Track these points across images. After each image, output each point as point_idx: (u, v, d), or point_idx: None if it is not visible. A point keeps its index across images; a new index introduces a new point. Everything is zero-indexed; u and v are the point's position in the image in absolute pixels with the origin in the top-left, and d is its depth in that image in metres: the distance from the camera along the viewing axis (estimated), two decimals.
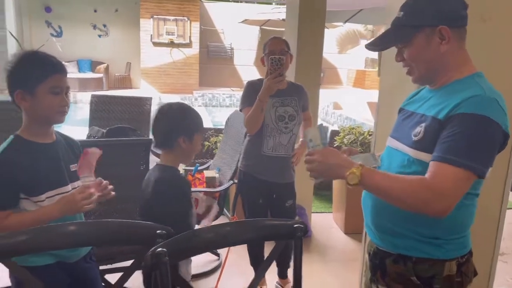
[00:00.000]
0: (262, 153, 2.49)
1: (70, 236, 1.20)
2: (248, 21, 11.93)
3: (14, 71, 1.43)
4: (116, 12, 12.49)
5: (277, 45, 2.48)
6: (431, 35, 1.26)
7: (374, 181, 1.21)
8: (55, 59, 1.46)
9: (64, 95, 1.45)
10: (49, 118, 1.45)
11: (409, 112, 1.38)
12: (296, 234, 1.29)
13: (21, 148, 1.42)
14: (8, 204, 1.39)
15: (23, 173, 1.39)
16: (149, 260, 1.10)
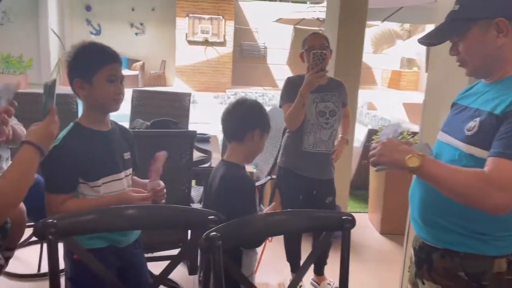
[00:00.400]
0: (302, 149, 2.49)
1: (129, 219, 1.25)
2: (282, 20, 11.91)
3: (73, 61, 1.50)
4: (152, 11, 12.75)
5: (317, 40, 2.48)
6: (487, 27, 1.23)
7: (433, 169, 1.21)
8: (110, 49, 1.52)
9: (119, 84, 1.50)
10: (105, 106, 1.50)
11: (462, 107, 1.35)
12: (345, 226, 1.30)
13: (81, 135, 1.48)
14: (68, 188, 1.45)
15: (83, 159, 1.45)
16: (203, 243, 1.14)
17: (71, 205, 1.43)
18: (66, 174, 1.44)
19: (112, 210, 1.26)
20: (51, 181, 1.46)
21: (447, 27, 1.31)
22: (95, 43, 1.54)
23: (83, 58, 1.49)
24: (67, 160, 1.43)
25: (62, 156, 1.43)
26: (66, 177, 1.45)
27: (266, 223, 1.23)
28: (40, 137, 1.27)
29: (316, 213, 1.37)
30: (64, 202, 1.44)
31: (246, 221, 1.23)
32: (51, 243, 1.16)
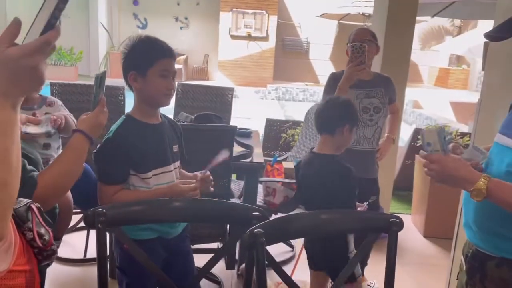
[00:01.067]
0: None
1: (175, 211, 1.27)
2: (327, 15, 11.73)
3: (129, 54, 1.53)
4: (197, 5, 12.92)
5: (360, 34, 2.42)
6: None
7: (503, 196, 1.15)
8: (165, 44, 1.54)
9: (171, 79, 1.52)
10: (157, 100, 1.53)
11: None
12: (392, 228, 1.26)
13: (133, 127, 1.51)
14: (119, 179, 1.49)
15: (134, 151, 1.48)
16: (247, 239, 1.13)
17: (122, 196, 1.47)
18: (118, 166, 1.48)
19: (160, 202, 1.28)
20: (103, 172, 1.50)
21: None
22: (151, 37, 1.56)
23: (139, 51, 1.51)
24: (119, 152, 1.47)
25: (114, 148, 1.47)
26: (118, 169, 1.48)
27: (309, 222, 1.21)
28: (90, 126, 1.31)
29: (364, 214, 1.33)
30: (116, 193, 1.47)
31: (291, 218, 1.22)
32: (100, 232, 1.19)
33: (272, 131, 4.47)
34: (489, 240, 1.28)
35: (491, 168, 1.30)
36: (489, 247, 1.28)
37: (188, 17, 13.03)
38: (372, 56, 2.42)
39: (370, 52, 2.38)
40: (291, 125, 4.30)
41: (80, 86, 3.46)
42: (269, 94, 12.10)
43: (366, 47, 2.22)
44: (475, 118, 1.85)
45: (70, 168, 1.25)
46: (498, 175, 1.25)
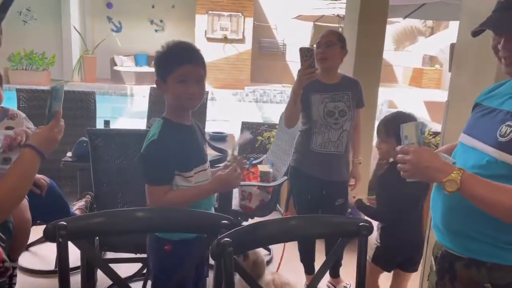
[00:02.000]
0: (311, 149, 2.44)
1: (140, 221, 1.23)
2: (302, 17, 11.80)
3: (155, 62, 1.60)
4: (172, 8, 12.81)
5: (325, 36, 2.42)
6: None
7: (475, 191, 1.13)
8: (187, 50, 1.56)
9: (192, 84, 1.52)
10: (179, 105, 1.57)
11: (489, 108, 1.27)
12: (361, 233, 1.25)
13: (172, 129, 1.56)
14: (167, 180, 1.53)
15: (178, 151, 1.53)
16: (214, 249, 1.11)
17: (173, 196, 1.52)
18: (165, 166, 1.53)
19: (123, 213, 1.24)
20: (151, 174, 1.54)
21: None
22: (176, 43, 1.58)
23: (161, 59, 1.57)
24: (165, 153, 1.51)
25: (160, 149, 1.51)
26: (165, 169, 1.53)
27: (278, 228, 1.19)
28: (43, 141, 1.27)
29: (332, 219, 1.32)
30: (165, 193, 1.51)
31: (259, 226, 1.20)
32: (61, 245, 1.15)
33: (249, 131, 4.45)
34: (457, 241, 1.28)
35: None
36: (457, 248, 1.29)
37: (163, 20, 12.91)
38: (336, 59, 2.41)
39: (334, 55, 2.40)
40: (267, 128, 4.29)
41: (48, 92, 3.36)
42: (247, 96, 12.10)
43: (314, 50, 2.20)
44: (444, 118, 1.88)
45: (18, 184, 1.21)
46: None
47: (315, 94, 2.39)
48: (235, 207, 2.93)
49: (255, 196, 2.92)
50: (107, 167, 2.22)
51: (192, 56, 1.56)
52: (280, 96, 12.11)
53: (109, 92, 11.50)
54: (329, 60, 2.41)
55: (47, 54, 11.05)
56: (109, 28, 12.76)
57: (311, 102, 2.40)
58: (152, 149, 1.51)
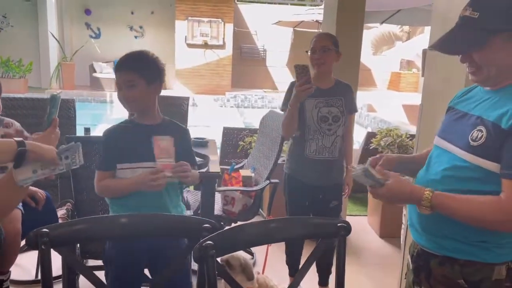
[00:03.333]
0: (305, 156, 2.43)
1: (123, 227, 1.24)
2: (282, 23, 11.91)
3: None
4: (152, 14, 12.76)
5: (318, 42, 2.40)
6: (509, 38, 1.18)
7: (447, 209, 1.21)
8: (121, 60, 1.71)
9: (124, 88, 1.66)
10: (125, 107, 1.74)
11: (462, 113, 1.32)
12: (340, 233, 1.29)
13: (125, 125, 1.76)
14: (105, 167, 1.72)
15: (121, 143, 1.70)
16: (197, 252, 1.13)
17: (106, 183, 1.70)
18: (108, 155, 1.74)
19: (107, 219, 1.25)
20: (98, 159, 1.83)
21: (467, 37, 1.21)
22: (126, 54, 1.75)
23: None
24: (109, 144, 1.73)
25: (105, 140, 1.74)
26: (106, 158, 1.75)
27: (260, 231, 1.21)
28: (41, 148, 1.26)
29: (311, 220, 1.35)
30: (103, 179, 1.70)
31: (240, 229, 1.22)
32: (43, 253, 1.15)
33: (229, 139, 4.48)
34: (432, 240, 1.33)
35: (430, 170, 1.36)
36: (432, 246, 1.33)
37: (143, 26, 12.85)
38: (331, 63, 2.41)
39: (330, 60, 2.39)
40: (248, 133, 4.32)
41: (31, 100, 3.29)
42: (228, 102, 12.11)
43: (308, 67, 2.21)
44: (418, 122, 1.94)
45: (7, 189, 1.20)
46: (435, 178, 1.31)
47: (309, 98, 2.36)
48: (218, 212, 2.94)
49: (238, 201, 2.94)
50: (87, 174, 2.21)
51: (122, 63, 1.70)
52: (262, 101, 12.17)
53: (89, 99, 11.37)
54: (325, 65, 2.40)
55: (24, 61, 10.86)
56: (88, 34, 12.62)
57: (304, 107, 2.39)
58: (101, 141, 1.75)
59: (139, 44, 12.85)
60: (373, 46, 13.83)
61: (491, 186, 1.19)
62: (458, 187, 1.24)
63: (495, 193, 1.17)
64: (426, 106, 1.89)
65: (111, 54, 12.56)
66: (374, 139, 3.90)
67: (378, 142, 3.82)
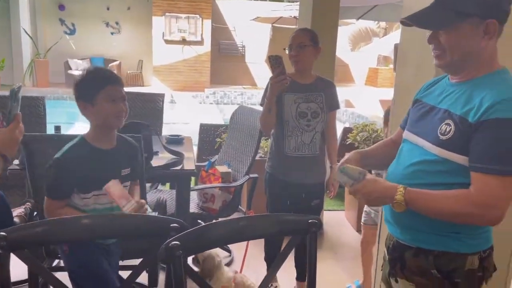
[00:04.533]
0: (285, 154, 2.40)
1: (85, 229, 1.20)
2: (260, 19, 11.88)
3: (77, 85, 1.68)
4: (128, 10, 12.55)
5: (295, 38, 2.36)
6: (477, 26, 1.18)
7: (420, 205, 1.22)
8: (109, 72, 1.72)
9: (120, 103, 1.66)
10: (108, 124, 1.66)
11: (429, 106, 1.32)
12: (311, 229, 1.28)
13: (81, 150, 1.65)
14: (63, 195, 1.65)
15: (78, 173, 1.61)
16: (163, 253, 1.09)
17: (67, 212, 1.61)
18: (63, 184, 1.63)
19: (67, 220, 1.20)
20: (50, 187, 1.66)
21: (437, 14, 1.22)
22: (97, 68, 1.79)
23: (84, 82, 1.67)
24: (64, 173, 1.62)
25: (60, 168, 1.62)
26: (63, 186, 1.64)
27: (227, 229, 1.19)
28: (4, 143, 1.30)
29: (282, 217, 1.34)
30: (61, 208, 1.63)
31: (208, 228, 1.20)
32: (1, 257, 1.10)
33: (206, 136, 4.43)
34: (406, 232, 1.34)
35: (400, 164, 1.36)
36: (406, 238, 1.35)
37: (119, 22, 12.62)
38: (310, 59, 2.36)
39: (308, 56, 2.34)
40: (225, 129, 4.28)
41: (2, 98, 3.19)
42: (207, 98, 12.03)
43: (282, 57, 2.18)
44: (391, 116, 1.95)
45: None
46: (405, 172, 1.32)
47: (288, 93, 2.33)
48: (194, 210, 2.91)
49: (217, 198, 2.91)
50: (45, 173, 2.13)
51: (116, 77, 1.70)
52: (241, 98, 12.14)
53: (64, 96, 11.11)
54: (302, 62, 2.36)
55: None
56: (62, 30, 12.33)
57: (283, 102, 2.35)
58: (54, 167, 1.62)
59: (116, 41, 12.65)
60: (351, 42, 13.95)
61: (460, 179, 1.20)
62: (428, 180, 1.25)
63: (464, 185, 1.19)
64: (397, 100, 1.90)
65: (87, 50, 12.32)
66: (350, 134, 3.92)
67: (354, 137, 3.84)
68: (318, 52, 2.41)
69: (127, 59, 12.56)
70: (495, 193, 1.13)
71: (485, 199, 1.13)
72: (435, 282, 1.28)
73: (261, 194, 2.72)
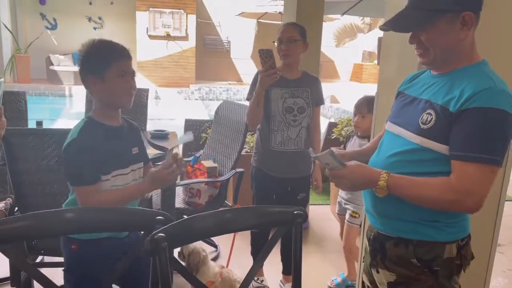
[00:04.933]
0: (271, 149, 2.42)
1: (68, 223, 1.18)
2: (245, 14, 11.86)
3: (84, 59, 1.53)
4: (111, 5, 12.38)
5: (285, 32, 2.37)
6: (454, 20, 1.21)
7: (401, 191, 1.24)
8: (119, 45, 1.55)
9: (130, 79, 1.53)
10: (118, 101, 1.53)
11: (411, 97, 1.35)
12: (296, 221, 1.28)
13: (95, 129, 1.51)
14: (94, 179, 1.48)
15: (98, 152, 1.48)
16: (148, 245, 1.09)
17: (104, 196, 1.48)
18: (88, 165, 1.47)
19: (51, 214, 1.19)
20: (75, 174, 1.49)
21: (413, 15, 1.25)
22: (104, 40, 1.57)
23: (95, 55, 1.52)
24: (87, 153, 1.46)
25: (81, 148, 1.46)
26: (88, 168, 1.47)
27: (213, 221, 1.19)
28: None
29: (266, 209, 1.34)
30: (95, 193, 1.47)
31: (193, 220, 1.19)
32: None
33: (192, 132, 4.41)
34: (386, 223, 1.36)
35: (381, 155, 1.38)
36: (387, 229, 1.37)
37: (102, 17, 12.45)
38: (298, 54, 2.37)
39: (297, 51, 2.35)
40: (210, 125, 4.27)
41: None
42: (193, 94, 11.97)
43: (273, 51, 2.17)
44: (374, 110, 1.97)
45: None
46: (386, 162, 1.34)
47: (275, 88, 2.34)
48: (180, 205, 2.90)
49: (203, 193, 2.90)
50: (26, 167, 2.10)
51: (126, 50, 1.55)
52: (226, 94, 12.10)
53: (46, 93, 10.94)
54: (291, 56, 2.36)
55: None
56: (43, 25, 12.11)
57: (270, 97, 2.36)
58: (73, 149, 1.46)
59: (99, 36, 12.36)
60: (336, 38, 14.01)
61: (441, 167, 1.23)
62: (409, 170, 1.27)
63: (445, 174, 1.21)
64: (381, 93, 1.92)
65: (69, 46, 12.10)
66: (335, 129, 3.95)
67: (339, 132, 3.87)
68: (306, 47, 2.42)
69: None
70: (474, 180, 1.15)
71: (465, 186, 1.16)
72: (416, 271, 1.30)
73: (247, 188, 2.72)
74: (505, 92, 1.17)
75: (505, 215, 2.03)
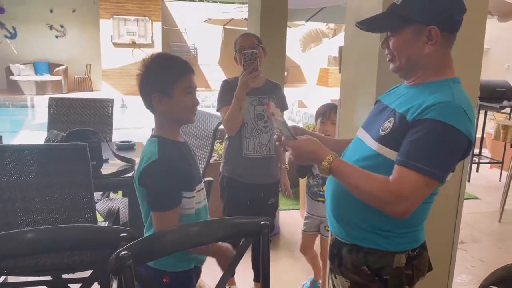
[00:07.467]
0: (243, 156, 2.42)
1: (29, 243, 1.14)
2: (211, 21, 11.85)
3: (147, 76, 1.45)
4: (73, 12, 12.11)
5: (246, 40, 2.41)
6: (420, 32, 1.23)
7: (342, 176, 1.25)
8: (181, 59, 1.48)
9: (195, 95, 1.49)
10: (183, 118, 1.49)
11: (383, 105, 1.38)
12: (263, 231, 1.29)
13: (172, 148, 1.45)
14: (178, 202, 1.41)
15: (181, 169, 1.43)
16: (113, 263, 1.07)
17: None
18: (173, 188, 1.40)
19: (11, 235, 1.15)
20: (161, 199, 1.40)
21: (385, 19, 1.30)
22: (165, 55, 1.52)
23: (159, 72, 1.44)
24: (170, 173, 1.39)
25: (165, 169, 1.38)
26: (174, 191, 1.41)
27: (180, 236, 1.18)
28: None
29: (232, 221, 1.34)
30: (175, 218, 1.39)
31: (158, 236, 1.18)
32: None
33: None
34: (342, 228, 1.37)
35: (345, 158, 1.41)
36: (343, 235, 1.37)
37: (64, 24, 12.15)
38: (261, 60, 2.38)
39: (261, 57, 2.36)
40: None
41: None
42: None
43: (258, 53, 2.20)
44: (337, 116, 2.01)
45: None
46: None
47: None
48: None
49: None
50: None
51: (189, 66, 1.50)
52: None
53: (6, 104, 10.56)
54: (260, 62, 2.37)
55: None
56: (2, 34, 11.71)
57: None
58: (157, 171, 1.37)
59: (61, 44, 12.16)
60: (302, 43, 14.21)
61: None
62: None
63: None
64: (344, 100, 1.96)
65: (30, 55, 11.75)
66: None
67: None
68: (265, 54, 2.47)
69: (74, 63, 12.11)
70: (409, 186, 1.16)
71: (399, 189, 1.17)
72: (366, 278, 1.31)
73: (217, 197, 2.71)
74: (460, 108, 1.18)
75: (465, 212, 2.10)
